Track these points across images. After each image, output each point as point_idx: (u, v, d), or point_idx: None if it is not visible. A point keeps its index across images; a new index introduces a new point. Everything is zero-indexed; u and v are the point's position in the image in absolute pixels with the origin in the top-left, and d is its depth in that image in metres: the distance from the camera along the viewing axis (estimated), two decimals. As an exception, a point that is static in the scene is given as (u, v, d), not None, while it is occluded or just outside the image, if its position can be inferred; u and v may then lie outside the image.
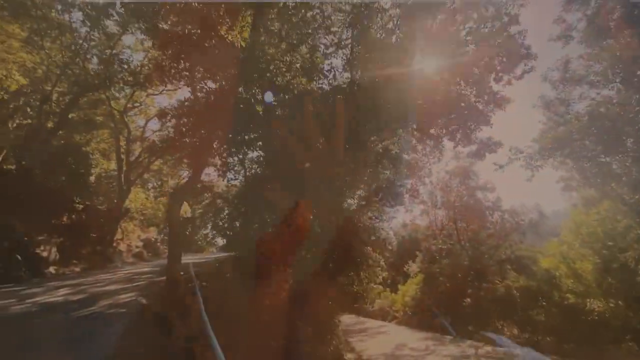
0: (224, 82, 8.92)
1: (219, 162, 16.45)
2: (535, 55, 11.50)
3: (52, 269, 14.13)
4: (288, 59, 10.47)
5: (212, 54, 8.64)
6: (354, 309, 29.49)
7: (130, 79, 17.75)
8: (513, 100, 12.74)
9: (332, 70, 12.41)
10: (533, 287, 15.48)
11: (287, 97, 11.36)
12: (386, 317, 27.96)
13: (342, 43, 11.94)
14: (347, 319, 25.43)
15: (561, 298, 13.08)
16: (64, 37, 15.37)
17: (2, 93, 19.89)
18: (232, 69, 8.74)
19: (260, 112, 13.05)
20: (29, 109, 18.03)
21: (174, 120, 15.83)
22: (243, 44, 7.61)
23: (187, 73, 9.60)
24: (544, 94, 14.14)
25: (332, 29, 11.39)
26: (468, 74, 13.40)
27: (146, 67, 17.33)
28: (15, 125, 20.14)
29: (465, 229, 23.62)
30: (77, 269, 15.61)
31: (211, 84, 10.19)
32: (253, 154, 16.28)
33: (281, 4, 8.51)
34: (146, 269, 16.16)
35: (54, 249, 14.58)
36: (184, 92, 18.45)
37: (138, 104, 23.48)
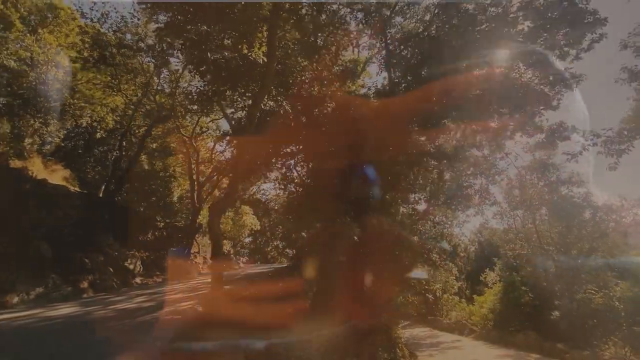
0: (255, 99, 9.38)
1: (280, 176, 17.28)
2: (605, 19, 9.67)
3: (138, 280, 16.25)
4: (312, 68, 10.60)
5: (240, 74, 9.24)
6: (427, 322, 27.70)
7: (194, 107, 19.81)
8: (586, 77, 10.87)
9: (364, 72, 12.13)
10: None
11: (320, 106, 11.45)
12: (463, 331, 25.64)
13: (376, 43, 11.66)
14: (419, 332, 23.98)
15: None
16: (137, 78, 18.02)
17: (101, 132, 24.01)
18: (256, 84, 9.21)
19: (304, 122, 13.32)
20: (117, 143, 21.46)
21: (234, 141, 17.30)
22: (265, 59, 7.97)
23: (221, 95, 10.40)
24: (625, 64, 11.68)
25: (364, 30, 11.21)
26: (526, 55, 11.90)
27: (206, 96, 19.33)
28: (112, 157, 24.08)
29: (549, 231, 20.53)
30: (159, 280, 17.68)
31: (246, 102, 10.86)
32: (308, 166, 16.70)
33: (295, 11, 8.71)
34: (214, 279, 17.57)
35: (139, 262, 16.77)
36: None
37: (205, 129, 26.02)
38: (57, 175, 19.07)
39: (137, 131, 20.84)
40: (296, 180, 17.84)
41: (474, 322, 25.60)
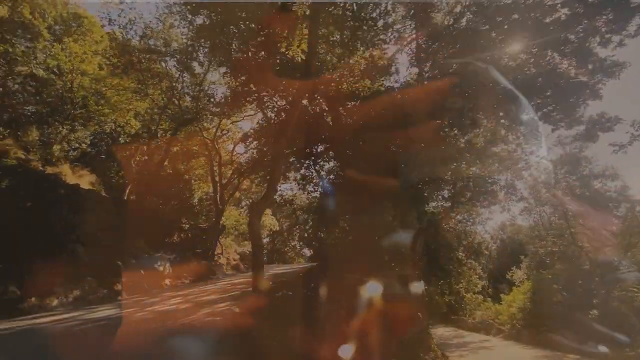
0: (290, 98, 9.33)
1: (299, 176, 17.23)
2: (655, 2, 9.17)
3: (167, 281, 16.44)
4: (349, 63, 10.48)
5: (276, 73, 9.17)
6: (451, 321, 27.16)
7: (217, 110, 20.01)
8: (629, 64, 10.35)
9: (398, 67, 11.92)
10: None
11: (353, 102, 11.31)
12: (489, 331, 25.04)
13: (406, 37, 11.43)
14: (444, 332, 23.54)
15: None
16: (162, 83, 18.33)
17: (125, 137, 24.44)
18: (296, 84, 9.12)
19: (330, 122, 13.25)
20: (144, 148, 21.89)
21: (255, 142, 17.44)
22: (303, 57, 7.89)
23: (257, 95, 10.37)
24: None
25: (393, 25, 11.03)
26: (563, 44, 11.44)
27: (228, 98, 19.54)
28: (135, 162, 24.49)
29: (581, 226, 19.78)
30: (186, 281, 17.84)
31: (280, 102, 10.81)
32: (328, 165, 16.63)
33: (336, 9, 8.58)
34: (241, 280, 17.64)
35: (168, 264, 16.97)
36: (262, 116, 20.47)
37: (226, 132, 26.22)
38: (84, 180, 19.48)
39: (163, 135, 21.22)
40: (315, 180, 17.75)
41: (502, 322, 24.96)
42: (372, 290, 11.48)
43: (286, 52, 8.70)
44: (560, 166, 20.09)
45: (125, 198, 22.26)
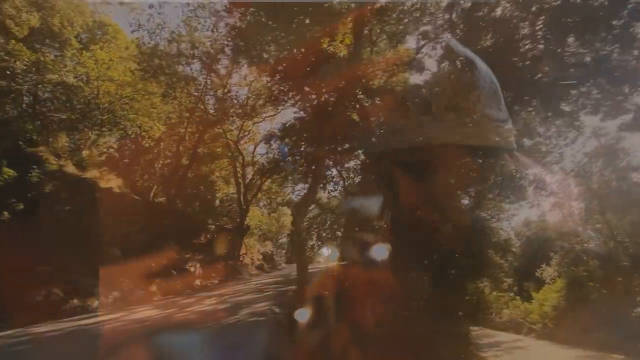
0: (326, 96, 9.21)
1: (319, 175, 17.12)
2: None
3: (198, 282, 16.62)
4: (384, 58, 10.28)
5: (316, 70, 9.05)
6: (477, 320, 26.58)
7: (239, 111, 20.15)
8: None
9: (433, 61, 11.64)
10: None
11: (384, 98, 11.08)
12: (520, 330, 24.38)
13: (441, 29, 11.16)
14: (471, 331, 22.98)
15: None
16: (189, 86, 18.58)
17: (149, 141, 24.86)
18: (334, 80, 8.99)
19: (357, 120, 13.02)
20: (167, 152, 22.26)
21: (278, 142, 17.40)
22: (345, 52, 7.77)
23: (295, 93, 10.33)
24: None
25: (428, 18, 10.78)
26: (606, 29, 10.92)
27: (251, 99, 19.72)
28: (160, 165, 24.92)
29: (620, 221, 18.91)
30: (216, 282, 17.99)
31: (320, 99, 10.62)
32: (350, 164, 16.38)
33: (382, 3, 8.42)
34: (270, 280, 17.73)
35: (198, 265, 17.17)
36: (282, 116, 20.48)
37: (247, 133, 26.41)
38: (112, 184, 19.91)
39: (191, 137, 21.57)
40: (335, 179, 17.52)
41: (533, 321, 24.27)
42: (410, 289, 11.28)
43: (327, 48, 8.57)
44: (595, 158, 19.30)
45: (151, 200, 22.70)
